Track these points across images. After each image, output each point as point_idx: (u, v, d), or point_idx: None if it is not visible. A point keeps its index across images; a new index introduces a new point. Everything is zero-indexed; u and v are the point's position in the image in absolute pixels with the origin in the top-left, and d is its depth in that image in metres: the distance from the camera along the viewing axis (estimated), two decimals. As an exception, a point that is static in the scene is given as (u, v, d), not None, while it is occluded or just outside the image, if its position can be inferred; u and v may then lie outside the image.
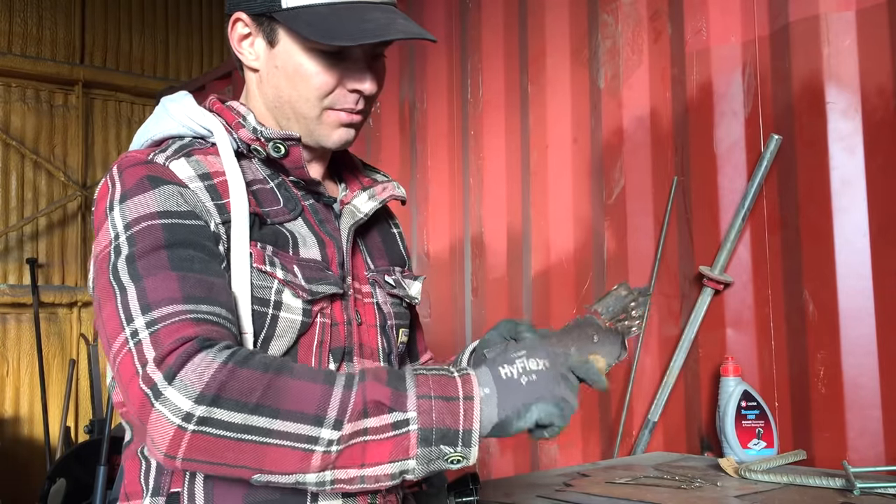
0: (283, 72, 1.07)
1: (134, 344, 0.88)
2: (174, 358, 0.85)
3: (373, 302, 1.17)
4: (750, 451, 1.80)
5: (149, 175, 0.99)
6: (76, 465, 3.35)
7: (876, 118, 1.79)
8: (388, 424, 0.86)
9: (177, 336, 0.86)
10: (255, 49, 1.10)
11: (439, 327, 2.90)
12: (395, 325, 1.20)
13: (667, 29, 2.22)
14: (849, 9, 1.83)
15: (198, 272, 0.94)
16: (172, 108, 1.11)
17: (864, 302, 1.78)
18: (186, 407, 0.82)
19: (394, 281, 1.22)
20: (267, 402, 0.84)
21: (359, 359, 1.12)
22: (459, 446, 0.87)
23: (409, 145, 3.09)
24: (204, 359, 0.85)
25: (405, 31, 1.03)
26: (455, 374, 0.91)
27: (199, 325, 0.89)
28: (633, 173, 2.27)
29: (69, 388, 4.60)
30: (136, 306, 0.90)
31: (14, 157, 4.86)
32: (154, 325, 0.88)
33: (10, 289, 4.73)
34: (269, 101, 1.11)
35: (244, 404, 0.84)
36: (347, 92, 1.08)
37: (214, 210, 1.00)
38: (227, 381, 0.84)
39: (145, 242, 0.94)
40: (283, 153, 1.08)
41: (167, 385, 0.83)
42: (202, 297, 0.92)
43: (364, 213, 1.16)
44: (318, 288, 1.05)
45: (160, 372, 0.84)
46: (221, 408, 0.83)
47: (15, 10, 4.91)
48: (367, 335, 1.14)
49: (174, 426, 0.83)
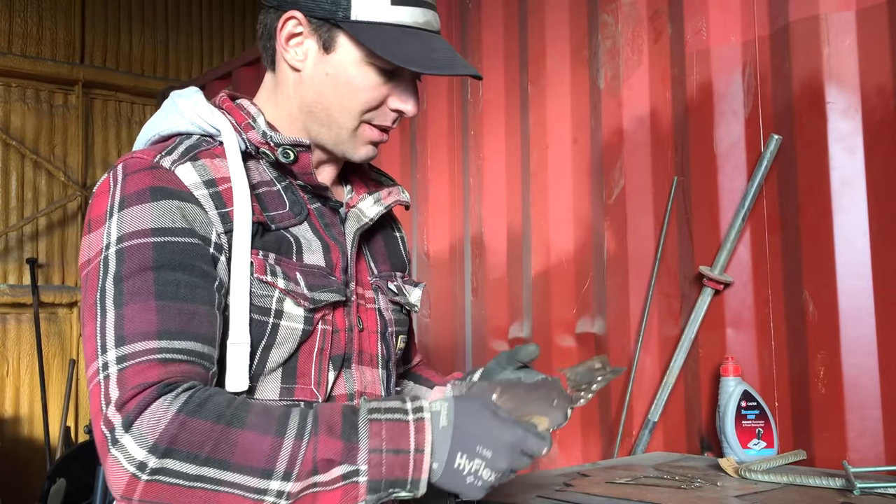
0: (333, 79, 1.06)
1: (103, 378, 0.90)
2: (133, 405, 0.87)
3: (375, 308, 1.17)
4: (750, 451, 1.80)
5: (152, 185, 0.98)
6: (76, 465, 3.35)
7: (876, 118, 1.79)
8: (339, 476, 0.88)
9: (140, 380, 0.88)
10: (302, 50, 1.08)
11: (439, 327, 2.90)
12: (395, 332, 1.20)
13: (667, 29, 2.22)
14: (849, 9, 1.83)
15: (181, 300, 0.94)
16: (182, 103, 1.10)
17: (864, 302, 1.78)
18: (140, 457, 0.85)
19: (396, 287, 1.22)
20: (216, 455, 0.87)
21: (357, 365, 1.12)
22: (408, 489, 0.90)
23: (409, 145, 3.09)
24: (160, 408, 0.87)
25: (467, 69, 1.07)
26: (410, 418, 0.91)
27: (165, 366, 0.90)
28: (633, 173, 2.27)
29: (69, 388, 4.60)
30: (112, 336, 0.91)
31: (14, 157, 4.86)
32: (123, 363, 0.90)
33: (10, 289, 4.73)
34: (306, 103, 1.09)
35: (195, 456, 0.86)
36: (389, 110, 1.09)
37: (217, 219, 1.00)
38: (178, 434, 0.86)
39: (133, 262, 0.94)
40: (291, 159, 1.08)
41: (124, 433, 0.86)
42: (178, 331, 0.93)
43: (369, 218, 1.16)
44: (321, 296, 1.05)
45: (119, 416, 0.87)
46: (174, 458, 0.86)
47: (15, 10, 4.91)
48: (367, 341, 1.14)
49: (129, 473, 0.86)
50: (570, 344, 2.43)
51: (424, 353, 2.94)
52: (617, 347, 2.28)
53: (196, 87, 1.14)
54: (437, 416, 0.91)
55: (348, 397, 1.09)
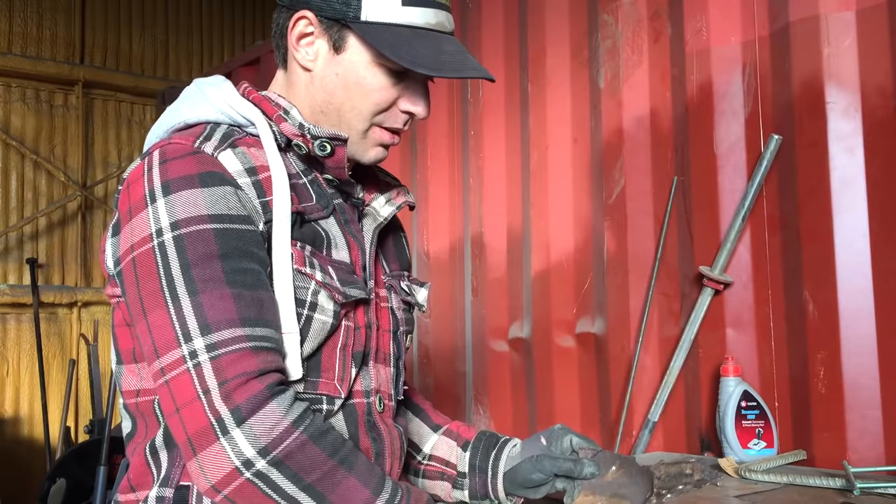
0: (343, 80, 1.06)
1: (193, 366, 0.90)
2: (242, 398, 0.88)
3: (388, 307, 1.18)
4: (750, 451, 1.80)
5: (200, 171, 0.97)
6: (76, 465, 3.36)
7: (876, 118, 1.79)
8: None
9: (240, 369, 0.89)
10: (313, 50, 1.08)
11: (439, 327, 2.90)
12: (405, 331, 1.21)
13: (667, 29, 2.22)
14: (849, 9, 1.83)
15: (250, 288, 0.94)
16: (210, 92, 1.08)
17: (864, 302, 1.78)
18: (249, 454, 0.87)
19: (407, 287, 1.23)
20: (319, 486, 0.89)
21: (374, 363, 1.12)
22: None
23: (409, 145, 3.09)
24: (276, 411, 0.89)
25: (478, 71, 1.06)
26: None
27: (257, 354, 0.91)
28: (633, 173, 2.27)
29: (69, 388, 4.59)
30: (195, 324, 0.91)
31: (14, 157, 4.86)
32: (214, 350, 0.90)
33: (10, 289, 4.73)
34: (317, 103, 1.09)
35: (300, 479, 0.88)
36: (400, 112, 1.08)
37: (260, 208, 1.00)
38: (294, 452, 0.88)
39: (198, 249, 0.93)
40: (328, 152, 1.06)
41: (235, 426, 0.87)
42: (256, 319, 0.93)
43: (384, 217, 1.17)
44: (351, 291, 1.06)
45: (227, 408, 0.88)
46: (280, 471, 0.88)
47: (15, 10, 4.90)
48: (382, 340, 1.15)
49: (232, 466, 0.87)
50: (570, 344, 2.43)
51: (424, 353, 2.94)
52: (617, 347, 2.28)
53: (223, 77, 1.13)
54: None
55: (365, 394, 1.10)
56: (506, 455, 1.26)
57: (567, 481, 1.13)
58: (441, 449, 1.31)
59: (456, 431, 1.33)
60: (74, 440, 4.55)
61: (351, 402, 1.07)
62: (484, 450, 1.28)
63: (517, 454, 1.25)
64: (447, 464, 1.30)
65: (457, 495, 1.29)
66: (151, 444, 1.03)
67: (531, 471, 1.16)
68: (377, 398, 1.11)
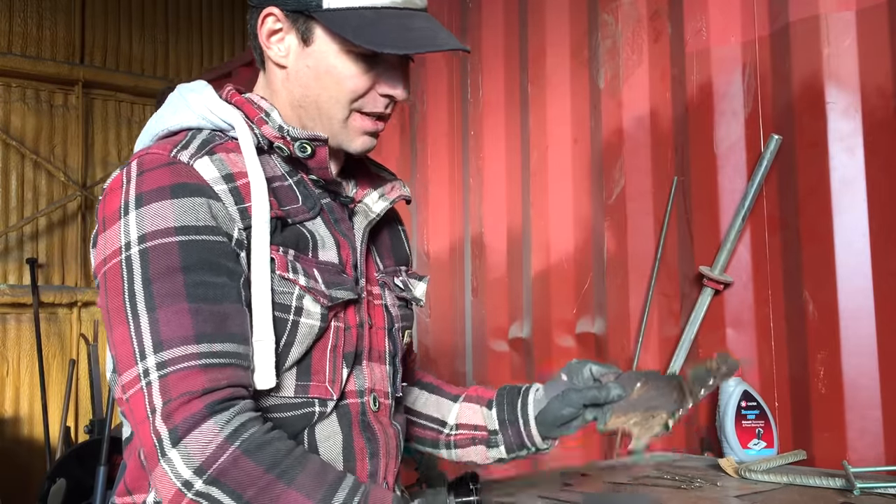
0: (315, 71, 1.05)
1: (145, 384, 0.90)
2: (181, 418, 0.88)
3: (382, 304, 1.17)
4: (750, 451, 1.80)
5: (172, 182, 0.96)
6: (76, 465, 3.36)
7: (876, 118, 1.79)
8: None
9: (183, 388, 0.89)
10: (284, 45, 1.07)
11: (439, 327, 2.90)
12: (401, 328, 1.19)
13: (667, 29, 2.22)
14: (849, 9, 1.83)
15: (212, 301, 0.94)
16: (192, 98, 1.08)
17: (864, 302, 1.78)
18: (186, 476, 0.87)
19: (402, 283, 1.22)
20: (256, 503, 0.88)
21: (367, 362, 1.11)
22: None
23: (409, 145, 3.09)
24: (211, 429, 0.88)
25: (449, 43, 1.03)
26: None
27: (206, 372, 0.90)
28: (633, 173, 2.27)
29: (69, 388, 4.59)
30: (149, 342, 0.91)
31: (14, 157, 4.86)
32: (164, 368, 0.90)
33: (10, 289, 4.73)
34: (295, 99, 1.08)
35: (238, 496, 0.88)
36: (379, 96, 1.06)
37: (238, 215, 0.99)
38: (227, 469, 0.87)
39: (160, 263, 0.93)
40: (309, 153, 1.05)
41: (171, 447, 0.87)
42: (214, 334, 0.92)
43: (376, 214, 1.15)
44: (337, 293, 1.05)
45: (166, 427, 0.88)
46: (219, 489, 0.87)
47: (15, 10, 4.91)
48: (375, 338, 1.14)
49: (175, 487, 0.88)
50: (570, 344, 2.43)
51: (424, 353, 2.94)
52: (617, 347, 2.28)
53: (205, 81, 1.13)
54: None
55: (359, 394, 1.09)
56: (532, 401, 1.26)
57: (596, 409, 1.14)
58: (466, 415, 1.31)
59: (476, 395, 1.33)
60: (74, 440, 4.55)
61: (344, 403, 1.07)
62: (509, 403, 1.28)
63: (542, 397, 1.24)
64: (476, 427, 1.30)
65: (493, 454, 1.28)
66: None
67: (560, 408, 1.17)
68: (371, 397, 1.10)
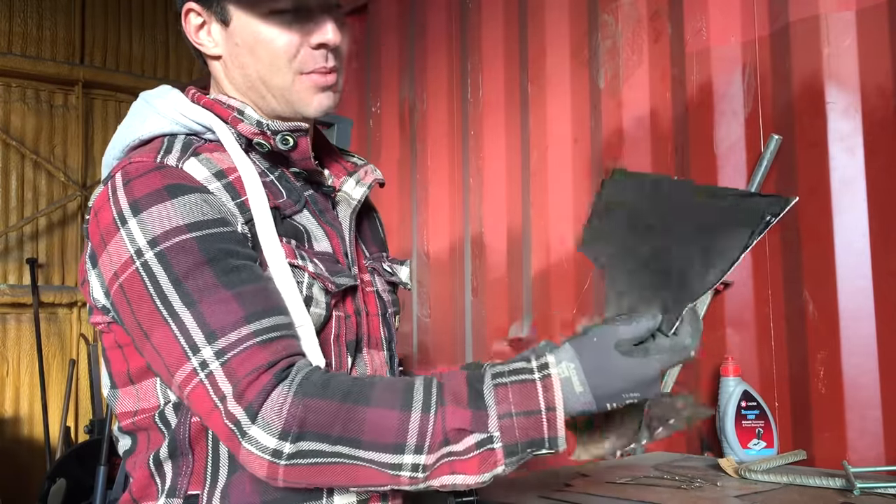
0: (245, 47, 1.04)
1: (206, 376, 0.89)
2: (254, 394, 0.87)
3: (374, 291, 1.16)
4: (750, 451, 1.80)
5: (166, 184, 0.95)
6: (76, 465, 3.35)
7: (876, 118, 1.79)
8: (472, 444, 0.87)
9: (250, 367, 0.88)
10: (212, 35, 1.07)
11: (439, 327, 2.90)
12: (393, 313, 1.20)
13: (667, 29, 2.22)
14: (849, 9, 1.83)
15: (247, 283, 0.93)
16: (158, 103, 1.07)
17: (864, 302, 1.78)
18: (273, 444, 0.86)
19: (389, 268, 1.21)
20: (347, 434, 0.87)
21: (367, 349, 1.11)
22: (546, 448, 0.89)
23: (409, 145, 3.09)
24: (280, 393, 0.87)
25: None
26: (537, 376, 0.89)
27: (266, 347, 0.89)
28: (633, 173, 2.27)
29: (69, 388, 4.59)
30: (200, 335, 0.89)
31: (14, 157, 4.86)
32: (224, 355, 0.88)
33: (10, 289, 4.73)
34: (240, 84, 1.08)
35: (326, 436, 0.87)
36: (313, 50, 1.05)
37: (237, 210, 0.98)
38: (305, 417, 0.86)
39: (184, 261, 0.91)
40: (291, 145, 1.05)
41: (250, 424, 0.86)
42: (263, 311, 0.92)
43: (357, 200, 1.14)
44: (340, 280, 1.04)
45: (241, 408, 0.87)
46: (307, 441, 0.86)
47: (15, 10, 4.90)
48: (372, 325, 1.13)
49: (266, 461, 0.87)
50: (570, 344, 2.43)
51: (424, 353, 2.94)
52: (617, 347, 2.27)
53: (169, 86, 1.12)
54: (569, 381, 0.88)
55: None
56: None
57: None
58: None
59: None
60: (74, 440, 4.55)
61: None
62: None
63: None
64: None
65: None
66: (155, 456, 1.01)
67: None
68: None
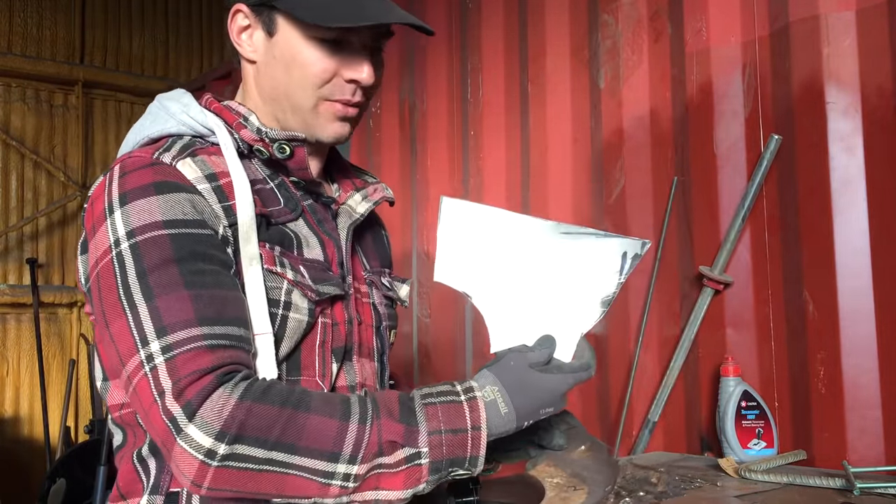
0: (281, 61, 1.06)
1: (150, 369, 0.89)
2: (193, 394, 0.87)
3: (370, 302, 1.18)
4: (750, 451, 1.80)
5: (155, 180, 0.97)
6: (76, 465, 3.35)
7: (876, 118, 1.79)
8: (402, 459, 0.90)
9: (193, 367, 0.88)
10: (254, 41, 1.10)
11: (439, 327, 2.90)
12: (388, 326, 1.21)
13: (667, 29, 2.22)
14: (849, 9, 1.83)
15: (210, 287, 0.94)
16: (171, 106, 1.10)
17: (864, 302, 1.78)
18: (208, 444, 0.86)
19: (388, 283, 1.24)
20: (284, 439, 0.87)
21: (357, 357, 1.13)
22: (465, 467, 0.93)
23: (409, 145, 3.09)
24: (221, 395, 0.88)
25: (403, 17, 1.04)
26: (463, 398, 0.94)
27: (213, 352, 0.90)
28: (633, 173, 2.27)
29: (69, 388, 4.59)
30: (151, 328, 0.90)
31: (14, 157, 4.86)
32: (170, 351, 0.89)
33: (10, 289, 4.73)
34: (266, 93, 1.10)
35: (264, 440, 0.87)
36: (344, 82, 1.07)
37: (222, 213, 1.00)
38: (245, 420, 0.87)
39: (153, 255, 0.93)
40: (287, 154, 1.07)
41: (188, 422, 0.86)
42: (215, 318, 0.92)
43: (360, 214, 1.17)
44: (324, 288, 1.06)
45: (179, 406, 0.87)
46: (243, 444, 0.86)
47: (15, 10, 4.90)
48: (365, 335, 1.15)
49: (198, 461, 0.86)
50: (570, 344, 2.43)
51: (424, 353, 2.94)
52: (617, 347, 2.28)
53: (184, 90, 1.15)
54: (494, 404, 0.94)
55: (350, 389, 1.10)
56: None
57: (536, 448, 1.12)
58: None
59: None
60: (74, 440, 4.55)
61: None
62: None
63: None
64: None
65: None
66: (139, 453, 1.03)
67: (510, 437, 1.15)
68: (363, 392, 1.11)
